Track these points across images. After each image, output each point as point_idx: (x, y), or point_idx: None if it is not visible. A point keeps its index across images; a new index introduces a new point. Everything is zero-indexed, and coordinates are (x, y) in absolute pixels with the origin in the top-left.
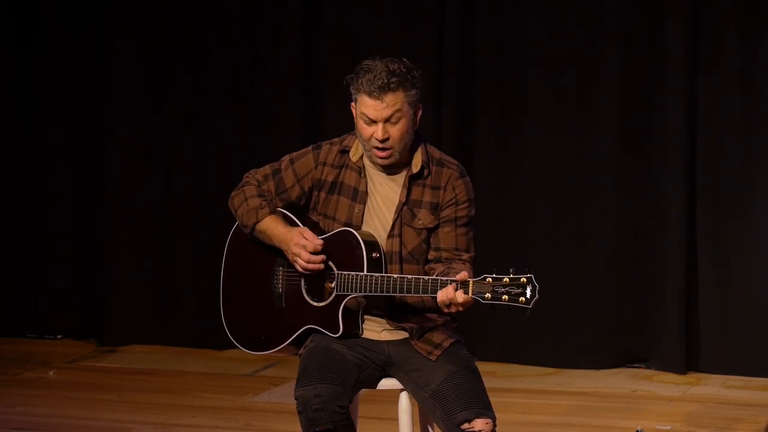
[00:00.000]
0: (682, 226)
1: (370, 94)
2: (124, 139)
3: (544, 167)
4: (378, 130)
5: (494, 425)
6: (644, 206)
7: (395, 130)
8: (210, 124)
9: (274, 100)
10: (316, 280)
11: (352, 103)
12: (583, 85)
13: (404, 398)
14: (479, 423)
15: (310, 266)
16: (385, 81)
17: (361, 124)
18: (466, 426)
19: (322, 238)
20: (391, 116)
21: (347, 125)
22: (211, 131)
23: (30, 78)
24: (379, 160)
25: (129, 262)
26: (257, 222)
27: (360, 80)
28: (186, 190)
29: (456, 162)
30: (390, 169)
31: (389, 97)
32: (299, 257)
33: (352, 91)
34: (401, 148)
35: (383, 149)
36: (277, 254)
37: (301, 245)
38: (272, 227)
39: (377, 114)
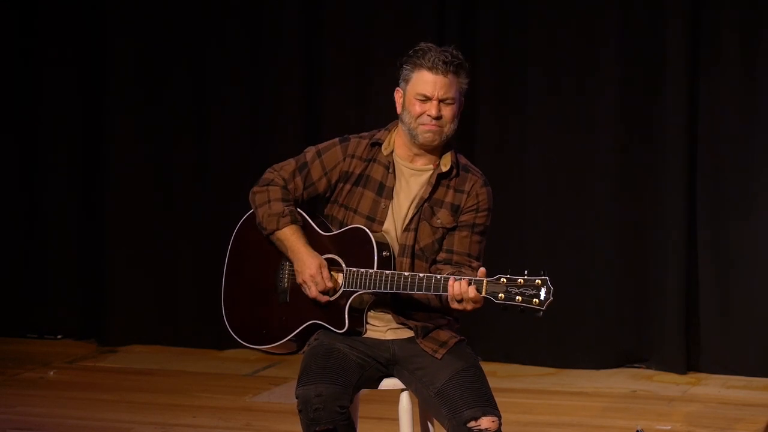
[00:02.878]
0: (682, 226)
1: (431, 69)
2: (124, 140)
3: (544, 167)
4: (432, 108)
5: (500, 423)
6: (644, 206)
7: (447, 111)
8: (210, 124)
9: (275, 99)
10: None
11: (398, 89)
12: (583, 85)
13: (405, 398)
14: (486, 421)
15: (318, 300)
16: (449, 59)
17: (412, 103)
18: (472, 424)
19: (333, 234)
20: (446, 98)
21: (347, 123)
22: (211, 131)
23: (30, 78)
24: (428, 135)
25: (129, 262)
26: (277, 229)
27: (420, 58)
28: (186, 190)
29: (480, 171)
30: (419, 165)
31: (450, 77)
32: (309, 289)
33: (407, 71)
34: (449, 131)
35: (433, 125)
36: None
37: (314, 281)
38: (292, 241)
39: (435, 90)
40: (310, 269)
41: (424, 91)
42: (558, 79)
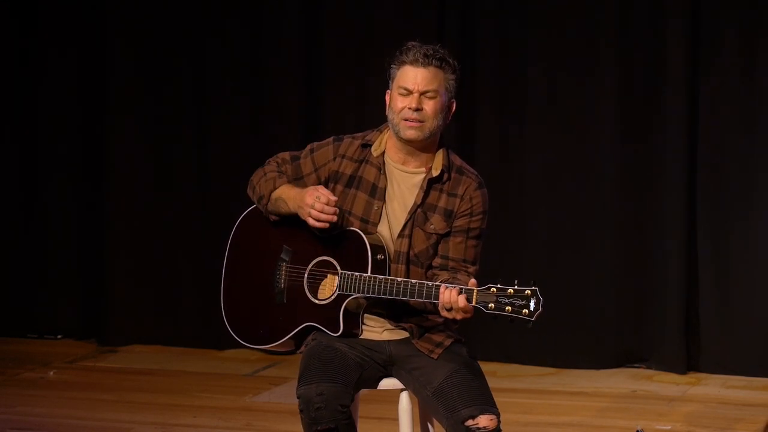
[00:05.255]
0: (682, 226)
1: (412, 62)
2: (124, 140)
3: (544, 167)
4: (413, 100)
5: (499, 421)
6: (644, 206)
7: (429, 105)
8: (210, 123)
9: (275, 99)
10: (319, 278)
11: (388, 91)
12: (583, 85)
13: (404, 398)
14: (484, 419)
15: (323, 216)
16: (431, 53)
17: (396, 99)
18: (470, 422)
19: (329, 237)
20: (428, 91)
21: (347, 123)
22: (211, 130)
23: (30, 78)
24: (408, 132)
25: (129, 262)
26: (274, 189)
27: (404, 54)
28: (186, 190)
29: (475, 172)
30: (410, 167)
31: (431, 70)
32: (312, 208)
33: (393, 69)
34: (432, 126)
35: (414, 120)
36: (280, 249)
37: (315, 196)
38: (287, 190)
39: (416, 83)
40: (308, 197)
41: (405, 84)
42: (558, 79)
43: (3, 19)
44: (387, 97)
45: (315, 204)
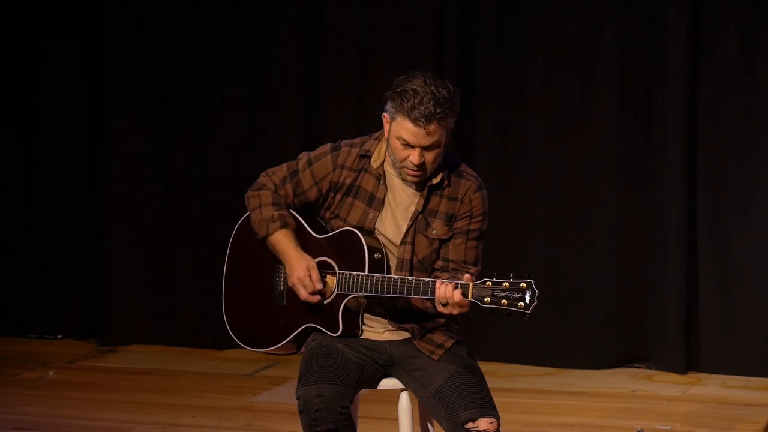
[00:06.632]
0: (682, 226)
1: (414, 121)
2: (125, 140)
3: (544, 167)
4: (414, 156)
5: (498, 424)
6: (644, 206)
7: (430, 156)
8: (210, 124)
9: (275, 99)
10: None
11: (385, 114)
12: (583, 84)
13: (404, 398)
14: (484, 422)
15: (308, 300)
16: (432, 111)
17: (395, 144)
18: (470, 425)
19: (325, 237)
20: (429, 145)
21: (347, 124)
22: (211, 130)
23: (30, 77)
24: (410, 178)
25: (129, 261)
26: (268, 235)
27: (404, 103)
28: (186, 190)
29: (474, 174)
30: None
31: (432, 127)
32: (298, 292)
33: (391, 109)
34: (432, 168)
35: (416, 170)
36: None
37: (303, 284)
38: (282, 245)
39: (417, 141)
40: (298, 272)
41: (406, 138)
42: (558, 79)
43: (3, 16)
44: (384, 120)
45: (301, 290)
